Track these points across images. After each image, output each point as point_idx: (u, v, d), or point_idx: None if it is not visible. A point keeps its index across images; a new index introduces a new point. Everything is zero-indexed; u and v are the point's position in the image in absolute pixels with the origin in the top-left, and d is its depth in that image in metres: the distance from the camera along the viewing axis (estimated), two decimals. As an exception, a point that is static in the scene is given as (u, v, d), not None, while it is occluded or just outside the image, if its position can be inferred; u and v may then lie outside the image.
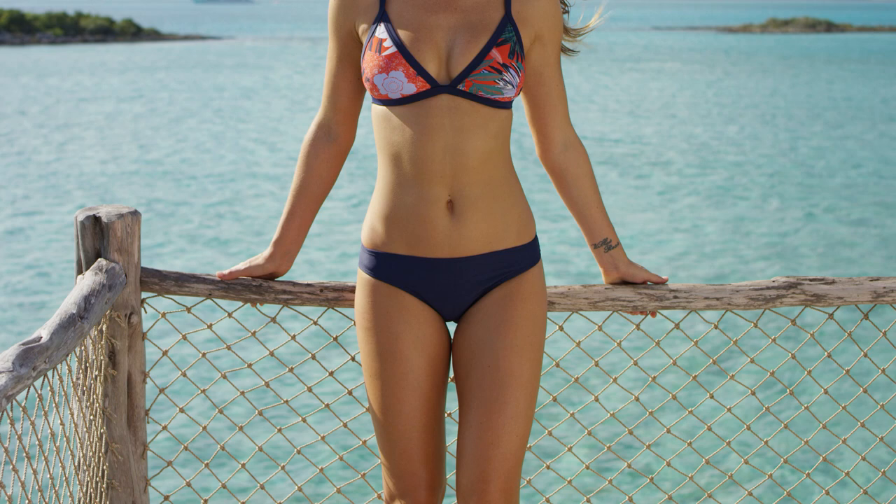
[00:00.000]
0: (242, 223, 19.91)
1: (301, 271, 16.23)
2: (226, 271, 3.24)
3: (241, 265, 3.24)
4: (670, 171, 25.91)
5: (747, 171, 25.98)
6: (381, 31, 2.89)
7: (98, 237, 3.13)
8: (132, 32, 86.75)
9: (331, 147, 3.11)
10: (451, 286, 2.94)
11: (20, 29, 78.62)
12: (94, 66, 58.68)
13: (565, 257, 17.06)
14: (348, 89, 3.06)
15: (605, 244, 3.21)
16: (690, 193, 23.06)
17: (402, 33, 2.87)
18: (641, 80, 52.02)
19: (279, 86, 48.89)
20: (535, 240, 3.03)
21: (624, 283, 3.31)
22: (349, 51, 3.01)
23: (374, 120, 2.94)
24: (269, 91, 46.30)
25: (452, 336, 3.03)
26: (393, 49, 2.86)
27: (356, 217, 20.00)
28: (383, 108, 2.90)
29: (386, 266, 2.95)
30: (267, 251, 3.20)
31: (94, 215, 3.12)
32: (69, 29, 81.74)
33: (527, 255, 2.99)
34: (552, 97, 3.05)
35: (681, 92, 46.22)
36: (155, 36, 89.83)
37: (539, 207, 19.98)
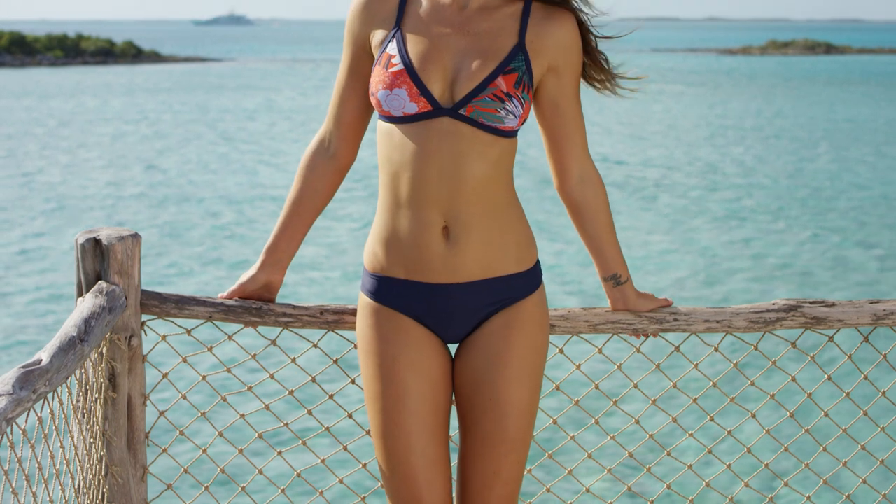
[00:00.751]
0: (250, 245, 19.92)
1: (304, 293, 16.23)
2: (225, 293, 3.25)
3: (235, 284, 3.25)
4: (675, 192, 25.93)
5: (752, 192, 25.99)
6: (392, 46, 2.87)
7: (98, 260, 3.13)
8: (133, 54, 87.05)
9: (328, 163, 3.08)
10: (450, 312, 2.92)
11: (21, 51, 78.90)
12: (96, 87, 58.85)
13: (577, 278, 17.04)
14: (354, 104, 3.03)
15: (615, 279, 3.19)
16: (696, 215, 23.06)
17: (411, 52, 2.86)
18: (644, 101, 52.08)
19: (283, 107, 49.01)
20: (537, 266, 3.00)
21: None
22: (360, 63, 2.99)
23: (378, 136, 2.93)
24: (273, 113, 46.41)
25: (454, 359, 3.01)
26: (400, 66, 2.84)
27: (360, 239, 20.00)
28: (387, 124, 2.89)
29: (385, 290, 2.94)
30: (258, 261, 3.19)
31: (95, 238, 3.13)
32: (70, 51, 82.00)
33: (527, 283, 2.96)
34: (569, 128, 3.00)
35: (684, 114, 46.29)
36: (155, 58, 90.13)
37: (551, 229, 19.98)
